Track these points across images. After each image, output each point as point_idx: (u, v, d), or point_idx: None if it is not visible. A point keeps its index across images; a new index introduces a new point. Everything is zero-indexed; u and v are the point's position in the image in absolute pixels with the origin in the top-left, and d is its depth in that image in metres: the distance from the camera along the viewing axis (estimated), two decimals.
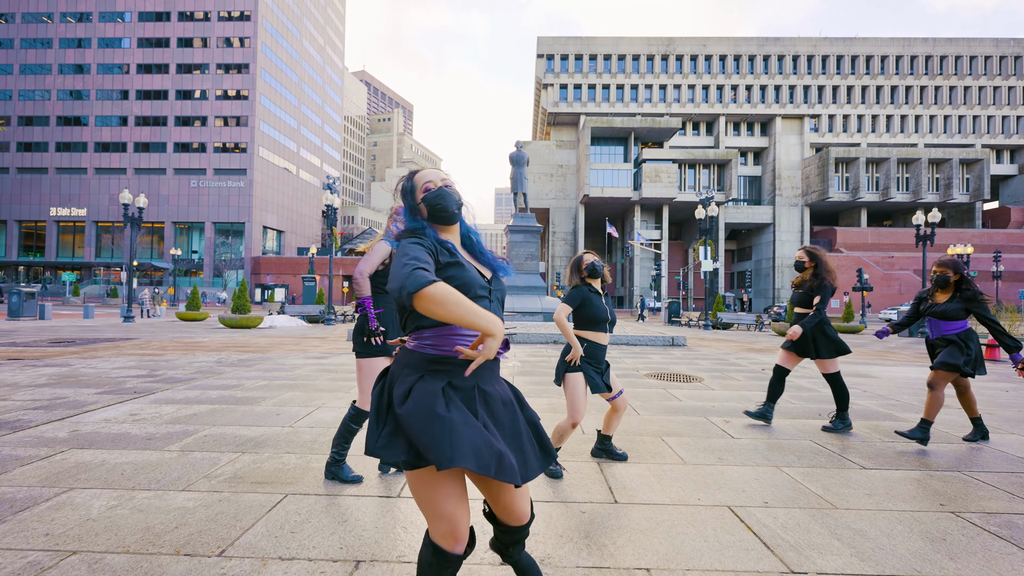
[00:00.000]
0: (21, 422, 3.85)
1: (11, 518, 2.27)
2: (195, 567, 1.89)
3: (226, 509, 2.41)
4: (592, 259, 2.99)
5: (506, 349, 1.35)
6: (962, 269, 3.59)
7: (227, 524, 2.25)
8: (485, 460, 1.20)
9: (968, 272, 3.61)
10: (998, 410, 5.00)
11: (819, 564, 2.02)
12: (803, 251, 4.11)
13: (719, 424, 4.25)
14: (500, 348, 1.32)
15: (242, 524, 2.25)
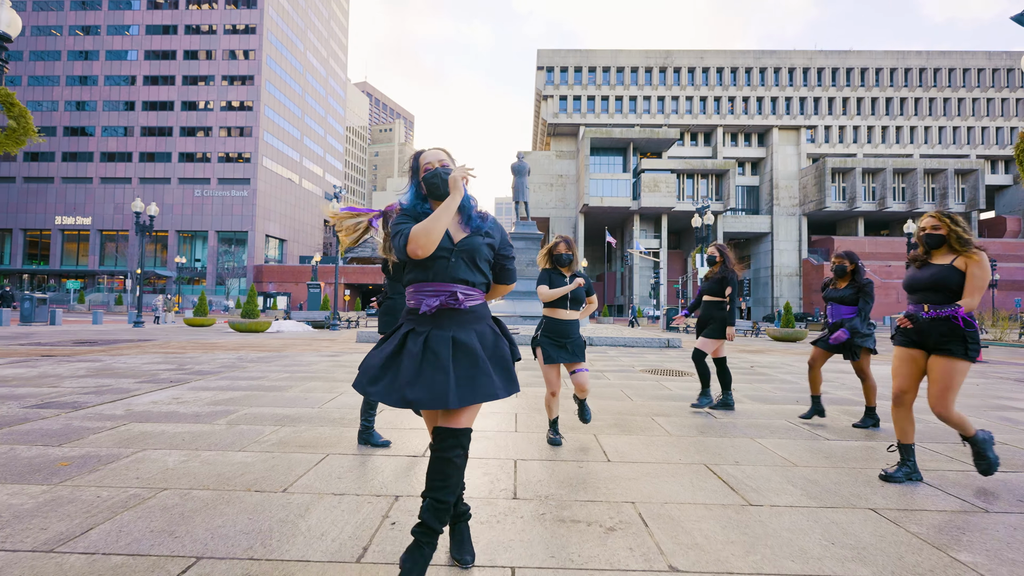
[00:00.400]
0: (79, 403, 4.30)
1: (103, 468, 2.72)
2: (266, 499, 2.34)
3: (279, 463, 2.86)
4: (561, 252, 3.33)
5: (456, 302, 1.70)
6: (856, 260, 4.07)
7: (283, 473, 2.70)
8: (371, 385, 1.70)
9: (861, 263, 4.10)
10: (964, 399, 5.45)
11: (773, 500, 2.47)
12: (713, 247, 4.62)
13: (706, 409, 4.70)
14: (454, 300, 1.70)
15: (295, 473, 2.70)
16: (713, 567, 1.81)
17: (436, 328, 1.71)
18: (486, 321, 1.82)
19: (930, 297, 2.63)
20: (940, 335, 2.59)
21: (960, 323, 2.55)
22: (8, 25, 6.88)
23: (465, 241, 1.75)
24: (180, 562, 1.76)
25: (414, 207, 1.79)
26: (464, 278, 1.74)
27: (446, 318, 1.72)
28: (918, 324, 2.69)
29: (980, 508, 2.42)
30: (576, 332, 3.37)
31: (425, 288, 1.73)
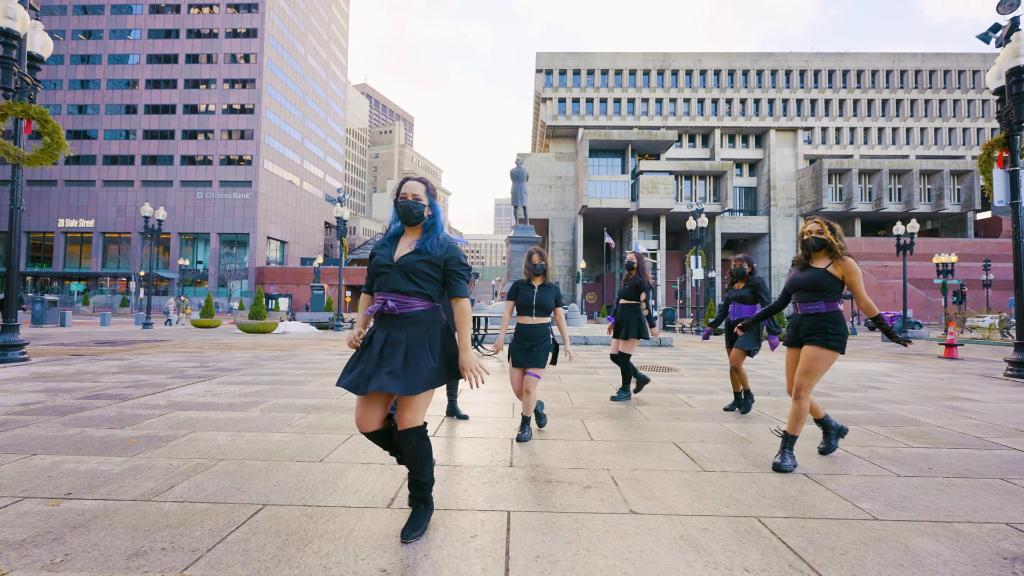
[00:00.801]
0: (124, 395, 4.82)
1: (166, 444, 3.24)
2: (307, 467, 2.86)
3: (312, 441, 3.37)
4: (535, 262, 3.66)
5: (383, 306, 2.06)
6: (752, 263, 4.50)
7: (317, 448, 3.21)
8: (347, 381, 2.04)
9: (755, 265, 4.54)
10: (922, 391, 5.97)
11: (724, 467, 2.99)
12: (632, 255, 4.99)
13: (683, 399, 5.22)
14: (379, 305, 2.07)
15: (327, 448, 3.22)
16: (665, 512, 2.33)
17: (379, 329, 2.11)
18: (424, 326, 2.09)
19: (807, 296, 3.01)
20: (808, 328, 3.01)
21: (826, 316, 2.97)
22: (42, 47, 7.40)
23: (403, 259, 2.11)
24: (251, 507, 2.28)
25: (391, 225, 2.25)
26: (398, 289, 2.08)
27: (386, 321, 2.10)
28: (794, 321, 3.10)
29: (893, 473, 2.94)
30: (544, 335, 3.61)
31: (376, 296, 2.15)
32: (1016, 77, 7.23)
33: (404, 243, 2.19)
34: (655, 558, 1.90)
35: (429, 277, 2.12)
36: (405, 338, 2.05)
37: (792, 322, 3.14)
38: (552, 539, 2.04)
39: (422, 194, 2.18)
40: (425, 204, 2.18)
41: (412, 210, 2.14)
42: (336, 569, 1.77)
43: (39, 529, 2.03)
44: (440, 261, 2.13)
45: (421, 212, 2.16)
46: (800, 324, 3.06)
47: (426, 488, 2.13)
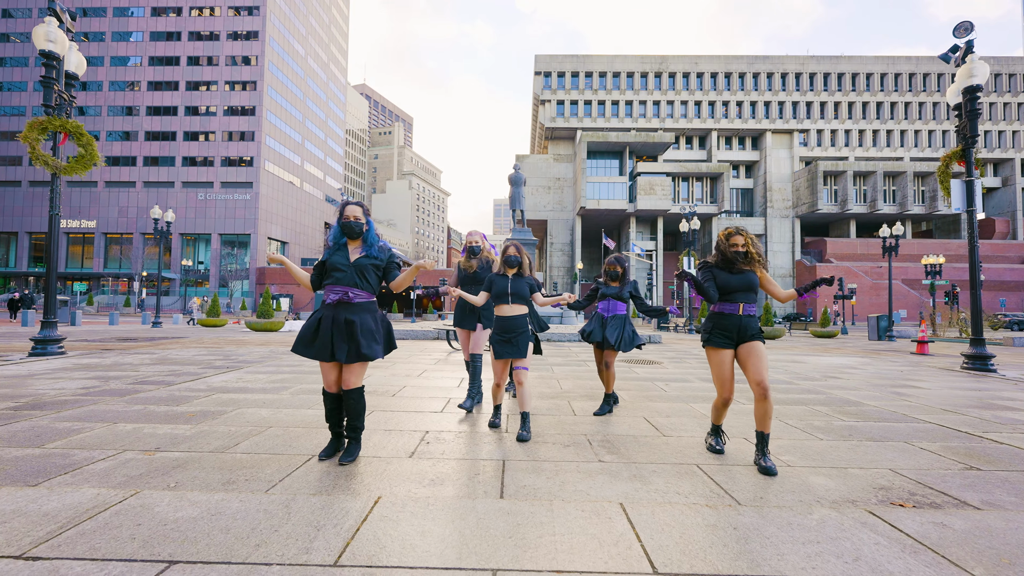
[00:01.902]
0: (167, 381, 5.48)
1: (219, 417, 3.89)
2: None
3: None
4: (508, 255, 3.73)
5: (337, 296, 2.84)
6: (626, 264, 4.48)
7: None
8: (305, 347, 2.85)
9: (627, 266, 4.51)
10: (877, 380, 6.64)
11: (681, 434, 3.65)
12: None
13: (661, 386, 5.88)
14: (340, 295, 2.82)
15: None
16: (625, 461, 2.99)
17: (335, 313, 2.83)
18: (370, 312, 2.89)
19: (748, 296, 3.22)
20: (753, 328, 3.05)
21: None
22: (77, 66, 8.04)
23: (356, 261, 2.90)
24: (302, 457, 2.94)
25: (336, 240, 2.94)
26: (355, 284, 2.86)
27: (342, 308, 2.85)
28: (734, 321, 3.04)
29: (817, 438, 3.61)
30: (522, 326, 3.64)
31: (332, 289, 2.88)
32: (970, 95, 7.90)
33: (352, 250, 2.95)
34: (612, 485, 2.56)
35: (373, 276, 2.93)
36: (358, 320, 2.81)
37: (730, 323, 3.03)
38: (536, 475, 2.70)
39: (361, 215, 2.96)
40: (363, 222, 2.95)
41: (354, 228, 2.93)
42: (378, 490, 2.42)
43: (147, 468, 2.68)
44: (383, 263, 2.96)
45: (361, 228, 2.94)
46: (744, 325, 3.02)
47: (359, 431, 2.95)
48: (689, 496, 2.44)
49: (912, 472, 2.87)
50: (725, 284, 3.10)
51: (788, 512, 2.27)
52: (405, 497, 2.36)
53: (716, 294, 3.12)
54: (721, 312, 3.10)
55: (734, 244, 3.11)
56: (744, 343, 3.03)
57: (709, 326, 3.13)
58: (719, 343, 3.06)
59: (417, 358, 8.41)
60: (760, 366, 2.94)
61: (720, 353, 3.06)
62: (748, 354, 2.99)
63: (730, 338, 3.04)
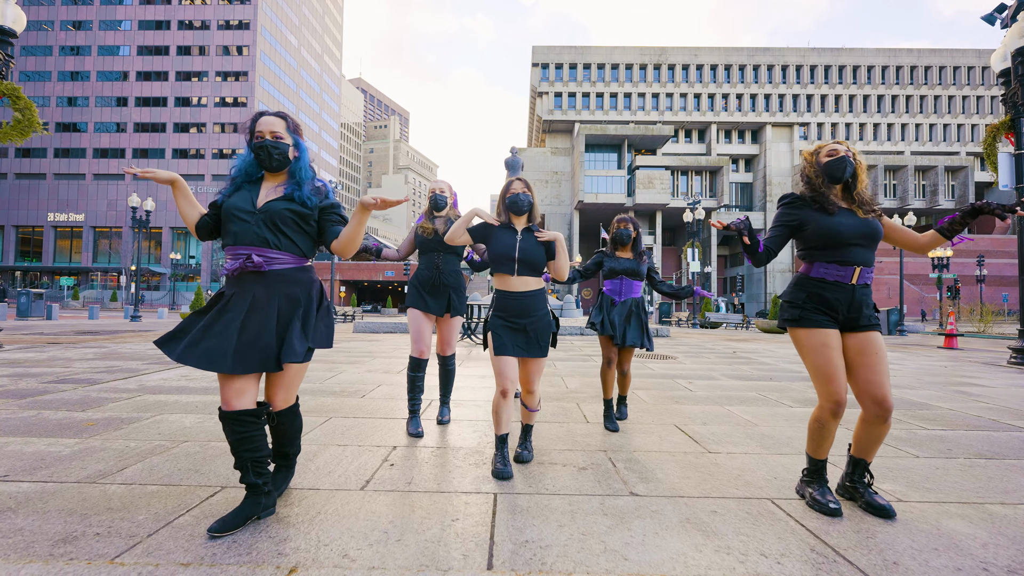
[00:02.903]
0: (94, 379, 4.56)
1: (127, 426, 2.99)
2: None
3: None
4: (514, 194, 2.41)
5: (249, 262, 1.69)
6: (638, 226, 3.41)
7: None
8: (182, 350, 1.65)
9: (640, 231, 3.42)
10: (927, 376, 5.80)
11: (730, 449, 2.77)
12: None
13: (684, 384, 5.00)
14: (239, 262, 1.69)
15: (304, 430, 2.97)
16: (668, 495, 2.11)
17: (237, 290, 1.73)
18: (298, 284, 1.78)
19: (866, 255, 2.10)
20: (870, 305, 2.05)
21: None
22: (14, 21, 7.07)
23: (266, 205, 1.76)
24: (208, 489, 2.04)
25: (244, 173, 1.84)
26: (266, 241, 1.73)
27: (248, 280, 1.73)
28: (845, 294, 1.99)
29: (911, 455, 2.73)
30: (540, 307, 2.39)
31: (231, 251, 1.75)
32: (1022, 58, 7.03)
33: (267, 188, 1.82)
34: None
35: (299, 229, 1.80)
36: (277, 302, 1.73)
37: (840, 296, 1.96)
38: (542, 521, 1.82)
39: (283, 131, 1.82)
40: (289, 144, 1.82)
41: (272, 153, 1.77)
42: (297, 553, 1.53)
43: None
44: (315, 210, 1.83)
45: (284, 154, 1.81)
46: (860, 300, 1.97)
47: (293, 457, 2.02)
48: (782, 561, 1.56)
49: None
50: (828, 230, 1.95)
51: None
52: (336, 565, 1.47)
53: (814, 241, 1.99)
54: (823, 279, 1.97)
55: (832, 153, 2.06)
56: (856, 331, 1.96)
57: (802, 296, 2.00)
58: (819, 321, 1.95)
59: (401, 351, 7.51)
60: (881, 371, 1.89)
61: (823, 333, 1.93)
62: (862, 350, 1.93)
63: (835, 317, 1.96)
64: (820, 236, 1.97)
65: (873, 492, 1.97)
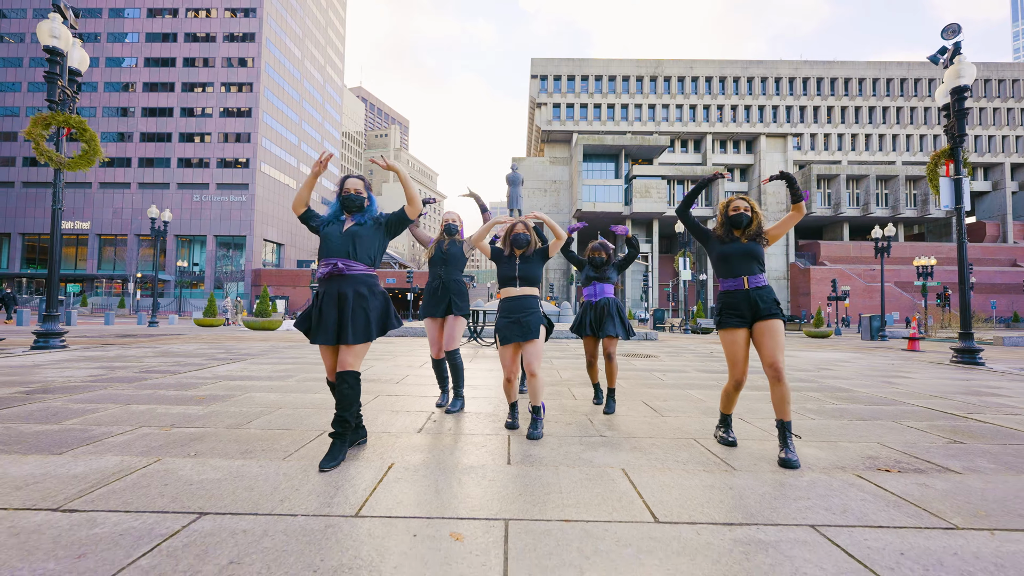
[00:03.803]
0: (173, 370, 5.55)
1: (229, 400, 3.98)
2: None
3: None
4: (517, 233, 3.34)
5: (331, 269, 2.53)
6: (609, 249, 4.15)
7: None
8: (309, 332, 2.58)
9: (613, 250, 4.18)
10: (869, 371, 6.80)
11: (678, 415, 3.78)
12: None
13: (659, 375, 6.01)
14: (338, 260, 2.52)
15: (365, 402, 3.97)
16: (625, 436, 3.10)
17: (327, 287, 2.55)
18: (366, 284, 2.58)
19: (751, 266, 2.90)
20: (766, 298, 2.84)
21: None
22: (80, 62, 8.12)
23: (349, 229, 2.63)
24: (314, 432, 3.04)
25: (336, 215, 2.70)
26: (347, 253, 2.57)
27: (334, 281, 2.56)
28: (739, 297, 2.86)
29: (810, 418, 3.74)
30: (532, 307, 3.27)
31: (324, 261, 2.60)
32: (958, 96, 8.12)
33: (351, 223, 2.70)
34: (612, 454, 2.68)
35: (369, 242, 2.65)
36: (351, 294, 2.52)
37: (736, 299, 2.83)
38: (540, 447, 2.82)
39: (362, 188, 2.71)
40: (364, 196, 2.71)
41: (355, 201, 2.67)
42: (390, 458, 2.53)
43: (166, 441, 2.78)
44: (381, 219, 2.73)
45: (362, 203, 2.70)
46: (754, 299, 2.80)
47: (347, 426, 2.51)
48: (687, 464, 2.56)
49: (899, 445, 3.01)
50: (721, 254, 2.90)
51: (781, 475, 2.39)
52: (418, 463, 2.47)
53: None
54: (726, 290, 2.91)
55: (735, 208, 2.93)
56: (760, 321, 2.79)
57: (719, 307, 2.94)
58: (732, 323, 2.83)
59: (418, 352, 8.50)
60: (774, 346, 2.71)
61: (732, 333, 2.83)
62: (762, 333, 2.76)
63: (743, 316, 2.81)
64: (716, 259, 2.97)
65: (791, 449, 2.62)
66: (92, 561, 1.48)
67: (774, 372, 2.69)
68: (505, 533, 1.73)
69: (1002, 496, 2.17)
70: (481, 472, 2.36)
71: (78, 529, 1.69)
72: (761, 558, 1.59)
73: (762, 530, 1.79)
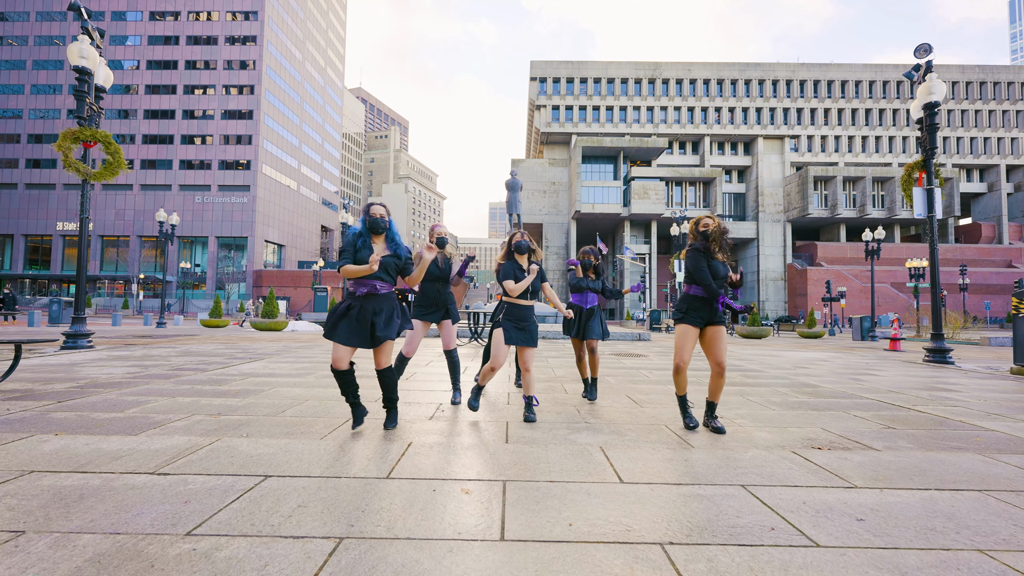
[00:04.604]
0: (200, 368, 6.08)
1: (259, 393, 4.51)
2: (369, 405, 4.14)
3: (367, 394, 4.63)
4: (519, 239, 3.79)
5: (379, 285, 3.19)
6: (597, 254, 4.73)
7: (369, 393, 4.48)
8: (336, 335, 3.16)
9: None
10: (841, 370, 7.33)
11: (655, 406, 4.31)
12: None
13: (645, 373, 6.54)
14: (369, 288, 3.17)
15: (375, 395, 4.50)
16: (606, 422, 3.63)
17: (363, 303, 3.17)
18: (391, 300, 3.25)
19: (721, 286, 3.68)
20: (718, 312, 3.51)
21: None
22: (105, 80, 8.64)
23: (388, 257, 3.26)
24: (342, 419, 3.57)
25: (361, 235, 3.23)
26: (381, 278, 3.20)
27: (369, 298, 3.19)
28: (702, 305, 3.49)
29: (771, 408, 4.26)
30: (532, 316, 3.85)
31: (360, 282, 3.19)
32: (929, 111, 8.65)
33: (378, 246, 3.27)
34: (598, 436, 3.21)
35: (395, 270, 3.31)
36: (385, 309, 3.18)
37: (702, 305, 3.44)
38: (532, 430, 3.35)
39: (385, 214, 3.33)
40: (387, 220, 3.31)
41: (380, 224, 3.28)
42: (409, 438, 3.06)
43: (217, 426, 3.30)
44: (403, 261, 3.33)
45: (385, 225, 3.31)
46: (713, 309, 3.45)
47: (395, 401, 3.37)
48: (655, 444, 3.09)
49: (839, 430, 3.54)
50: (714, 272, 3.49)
51: (729, 452, 2.93)
52: (432, 443, 3.00)
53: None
54: (696, 296, 3.48)
55: (705, 226, 3.56)
56: (712, 326, 3.45)
57: (684, 307, 3.50)
58: (688, 320, 3.45)
59: (421, 352, 9.03)
60: (722, 347, 3.43)
61: (688, 329, 3.44)
62: (713, 336, 3.42)
63: (704, 318, 3.44)
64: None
65: (716, 420, 3.48)
66: (196, 505, 2.01)
67: (719, 368, 3.43)
68: (503, 489, 2.25)
69: (905, 466, 2.70)
70: (484, 448, 2.89)
71: (176, 485, 2.22)
72: (696, 505, 2.12)
73: (702, 488, 2.32)
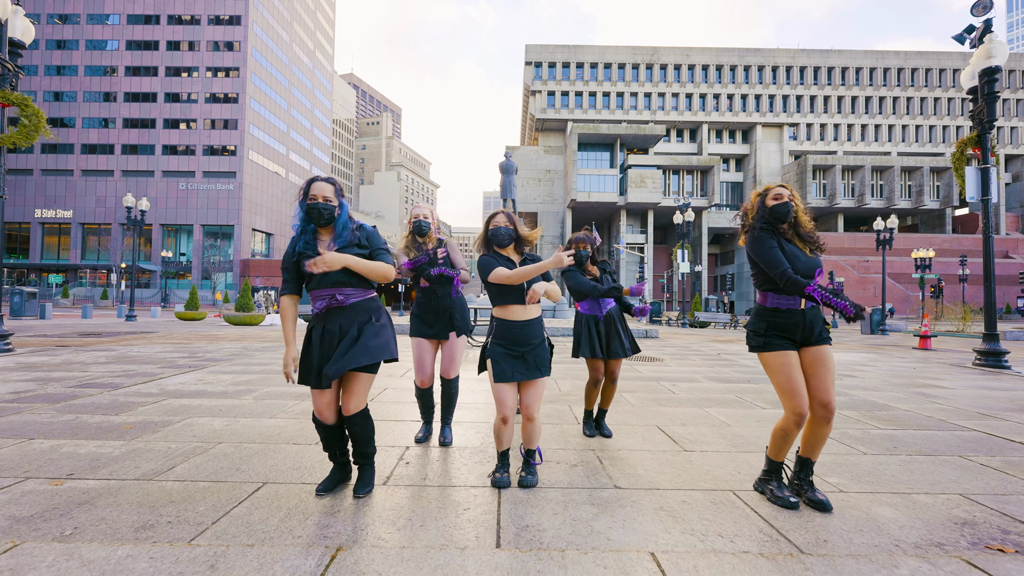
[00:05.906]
0: (116, 384, 4.85)
1: (162, 429, 3.30)
2: (303, 449, 2.95)
3: (307, 426, 3.46)
4: (497, 224, 2.52)
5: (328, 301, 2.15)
6: (593, 241, 3.46)
7: (312, 433, 3.30)
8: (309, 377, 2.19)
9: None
10: (893, 379, 6.23)
11: (704, 447, 3.14)
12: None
13: (668, 387, 5.38)
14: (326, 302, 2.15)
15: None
16: (646, 487, 2.47)
17: (325, 324, 2.20)
18: (369, 311, 2.24)
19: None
20: (819, 322, 2.40)
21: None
22: (23, 32, 7.27)
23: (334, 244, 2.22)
24: (252, 485, 2.37)
25: (304, 227, 2.23)
26: (341, 282, 2.18)
27: (333, 315, 2.20)
28: (796, 319, 2.32)
29: (860, 452, 3.12)
30: (538, 335, 2.48)
31: (316, 294, 2.21)
32: (988, 77, 7.48)
33: (325, 241, 2.25)
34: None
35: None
36: (353, 323, 2.19)
37: (800, 317, 2.28)
38: (539, 511, 2.17)
39: (332, 195, 2.24)
40: (335, 205, 2.24)
41: (323, 212, 2.20)
42: (339, 536, 1.87)
43: (45, 506, 2.10)
44: (368, 249, 2.26)
45: (331, 213, 2.22)
46: (809, 322, 2.29)
47: (371, 456, 2.34)
48: (735, 540, 1.93)
49: (987, 499, 2.39)
50: (793, 264, 2.29)
51: (867, 563, 1.76)
52: (373, 545, 1.81)
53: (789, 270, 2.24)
54: (777, 308, 2.30)
55: (777, 197, 2.41)
56: (809, 346, 2.30)
57: (763, 327, 2.33)
58: (782, 345, 2.28)
59: (401, 354, 7.84)
60: (828, 380, 2.25)
61: (786, 355, 2.26)
62: (813, 362, 2.27)
63: (793, 340, 2.30)
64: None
65: (815, 490, 2.32)
66: None
67: (826, 412, 2.25)
68: None
69: None
70: (460, 567, 1.70)
71: None
72: None
73: None
